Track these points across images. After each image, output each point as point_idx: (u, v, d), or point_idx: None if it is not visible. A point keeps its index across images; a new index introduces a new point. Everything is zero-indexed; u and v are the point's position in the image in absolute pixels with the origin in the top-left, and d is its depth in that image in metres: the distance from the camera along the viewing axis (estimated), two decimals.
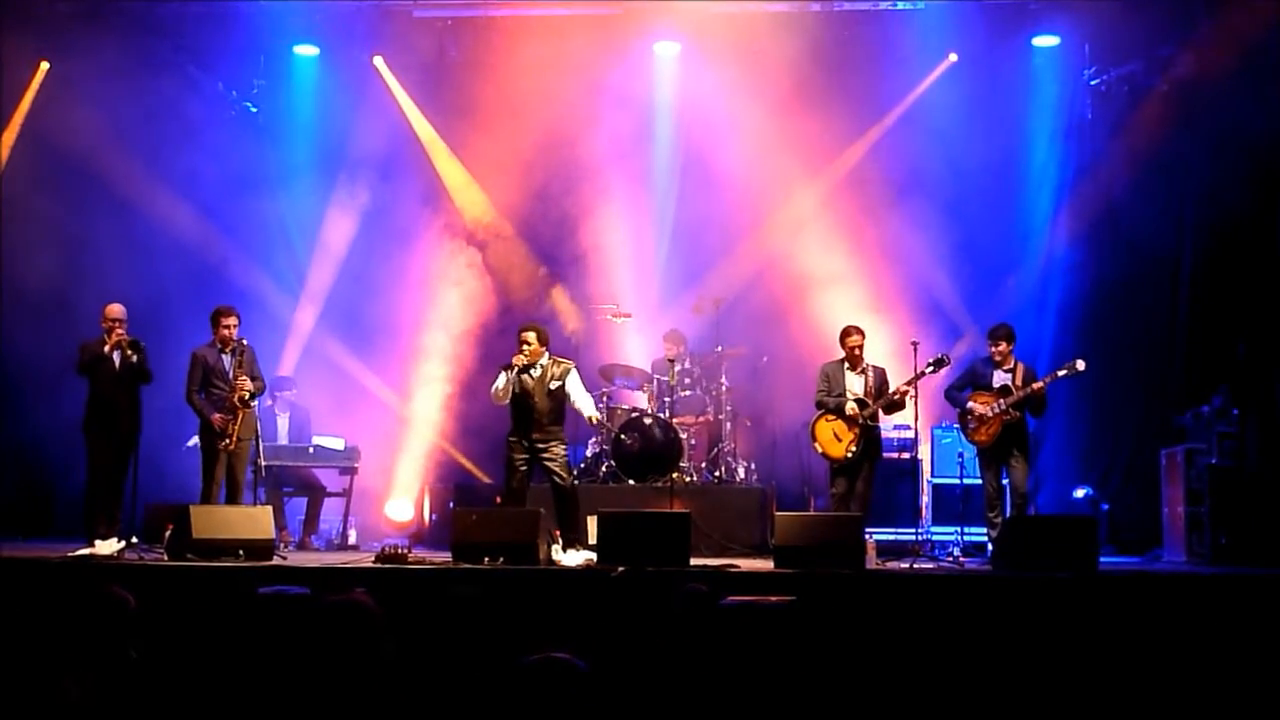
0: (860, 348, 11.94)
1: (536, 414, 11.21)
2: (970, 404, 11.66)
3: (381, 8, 15.32)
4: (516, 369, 11.14)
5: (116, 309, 11.47)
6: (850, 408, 11.76)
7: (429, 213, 15.60)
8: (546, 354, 11.34)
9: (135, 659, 5.07)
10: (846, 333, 12.04)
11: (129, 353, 11.27)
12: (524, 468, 11.25)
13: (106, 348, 11.32)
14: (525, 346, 11.20)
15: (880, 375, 12.01)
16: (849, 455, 11.73)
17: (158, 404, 11.84)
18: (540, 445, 11.21)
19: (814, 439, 11.95)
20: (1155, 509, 13.11)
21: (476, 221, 15.66)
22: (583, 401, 11.44)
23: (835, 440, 11.80)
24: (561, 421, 11.45)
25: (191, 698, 5.11)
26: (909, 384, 11.74)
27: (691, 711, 4.82)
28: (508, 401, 11.25)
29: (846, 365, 11.99)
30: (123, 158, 14.49)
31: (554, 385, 11.27)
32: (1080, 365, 11.43)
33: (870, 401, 11.78)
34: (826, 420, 11.88)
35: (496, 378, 11.28)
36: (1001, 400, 11.52)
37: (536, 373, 11.24)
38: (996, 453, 11.67)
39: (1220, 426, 12.41)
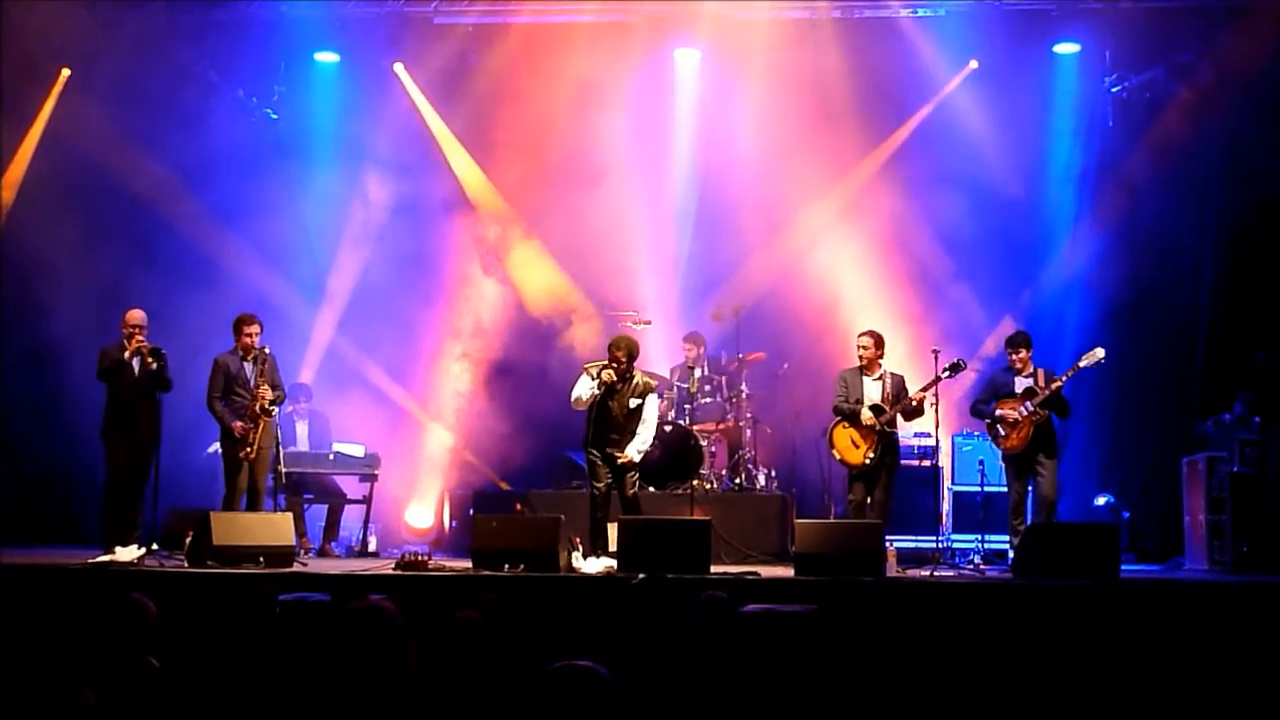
0: (869, 351, 11.91)
1: (617, 427, 11.12)
2: (999, 411, 11.62)
3: (402, 15, 15.35)
4: (604, 383, 10.98)
5: (137, 315, 11.48)
6: (866, 415, 11.71)
7: (449, 218, 15.59)
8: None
9: (155, 666, 5.08)
10: (858, 338, 12.03)
11: (149, 360, 11.28)
12: (609, 475, 11.15)
13: (126, 354, 11.34)
14: (616, 365, 11.01)
15: (898, 382, 11.94)
16: (867, 461, 11.69)
17: (178, 410, 11.86)
18: (611, 455, 11.13)
19: (832, 445, 11.93)
20: (1176, 517, 13.08)
21: (497, 227, 15.65)
22: (646, 431, 11.26)
23: (853, 447, 11.77)
24: (632, 435, 11.30)
25: (212, 705, 5.12)
26: (925, 390, 11.71)
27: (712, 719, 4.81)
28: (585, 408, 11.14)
29: (863, 371, 11.97)
30: (143, 164, 14.56)
31: (634, 403, 11.16)
32: (1100, 353, 11.42)
33: (887, 408, 11.75)
34: (844, 427, 11.85)
35: (577, 381, 11.15)
36: (1029, 402, 11.48)
37: (623, 384, 11.15)
38: (1026, 459, 11.60)
39: (1241, 434, 12.38)
